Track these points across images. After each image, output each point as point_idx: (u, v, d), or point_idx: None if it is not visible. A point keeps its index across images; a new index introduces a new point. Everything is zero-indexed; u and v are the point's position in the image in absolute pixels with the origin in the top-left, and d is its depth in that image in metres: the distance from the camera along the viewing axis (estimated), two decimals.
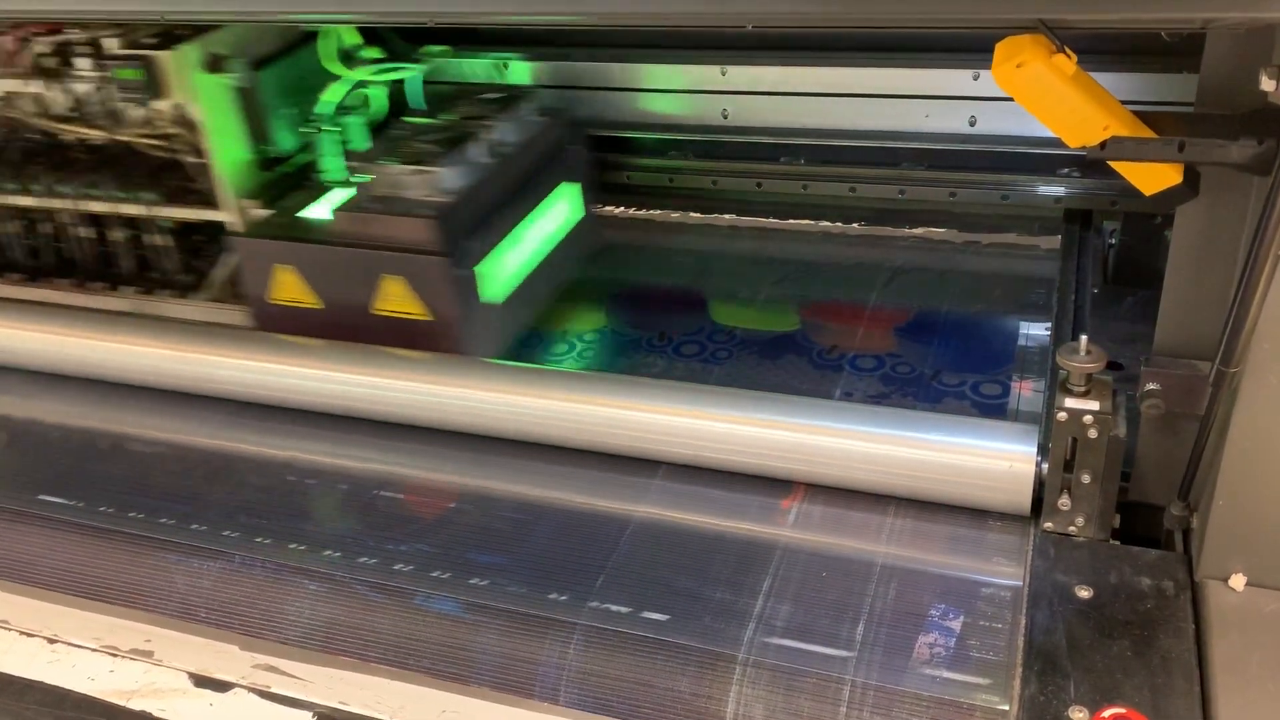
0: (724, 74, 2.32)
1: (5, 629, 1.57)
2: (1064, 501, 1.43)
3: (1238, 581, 1.35)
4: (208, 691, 1.44)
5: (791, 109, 2.31)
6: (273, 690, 1.43)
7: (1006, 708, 1.23)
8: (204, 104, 1.92)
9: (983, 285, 2.14)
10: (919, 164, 2.26)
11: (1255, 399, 1.25)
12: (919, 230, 2.29)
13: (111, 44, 1.94)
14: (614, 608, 1.40)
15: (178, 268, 2.17)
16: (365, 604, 1.46)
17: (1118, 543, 1.44)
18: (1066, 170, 2.17)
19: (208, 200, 2.01)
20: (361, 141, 2.12)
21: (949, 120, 2.20)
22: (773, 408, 1.60)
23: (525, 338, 2.09)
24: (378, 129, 2.15)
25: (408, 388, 1.75)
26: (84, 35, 1.97)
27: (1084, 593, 1.35)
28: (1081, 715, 1.20)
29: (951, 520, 1.50)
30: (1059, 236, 2.15)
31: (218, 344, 1.89)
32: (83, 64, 1.97)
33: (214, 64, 1.92)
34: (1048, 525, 1.45)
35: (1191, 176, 1.26)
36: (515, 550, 1.52)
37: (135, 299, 2.16)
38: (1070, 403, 1.38)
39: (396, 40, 2.27)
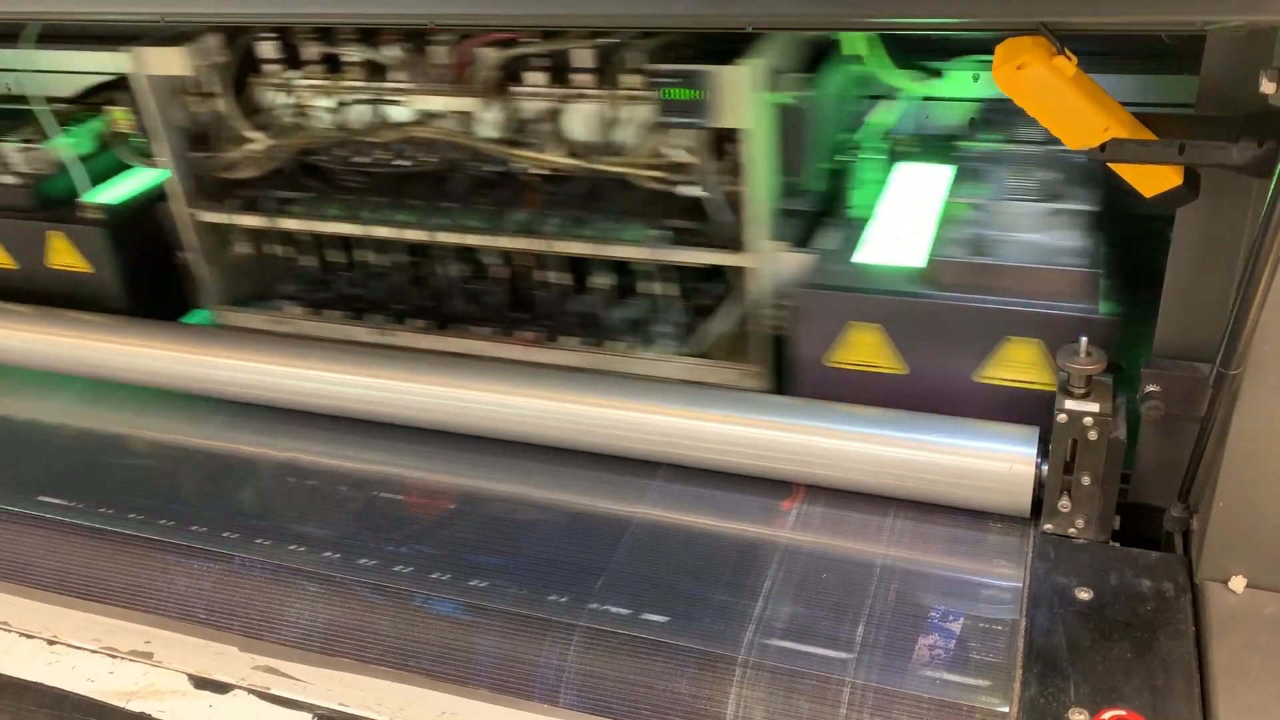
0: None
1: (5, 630, 1.57)
2: (1064, 503, 1.43)
3: (1238, 583, 1.35)
4: (207, 693, 1.43)
5: None
6: (272, 692, 1.43)
7: (1006, 709, 1.23)
8: (753, 128, 1.60)
9: None
10: None
11: (1255, 401, 1.25)
12: None
13: (635, 57, 1.66)
14: (614, 609, 1.40)
15: (673, 321, 1.85)
16: (365, 605, 1.46)
17: (1118, 544, 1.44)
18: None
19: (726, 242, 1.69)
20: (879, 171, 1.83)
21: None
22: (774, 409, 1.60)
23: None
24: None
25: (409, 389, 1.75)
26: (544, 48, 1.71)
27: (1084, 594, 1.35)
28: (1082, 717, 1.20)
29: (952, 522, 1.50)
30: None
31: (219, 345, 1.89)
32: (585, 80, 1.72)
33: (774, 81, 1.60)
34: (1048, 527, 1.45)
35: (1192, 178, 1.26)
36: (515, 551, 1.52)
37: (595, 353, 1.86)
38: (1070, 404, 1.38)
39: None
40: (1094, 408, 1.37)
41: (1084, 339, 1.39)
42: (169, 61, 1.89)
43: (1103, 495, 1.42)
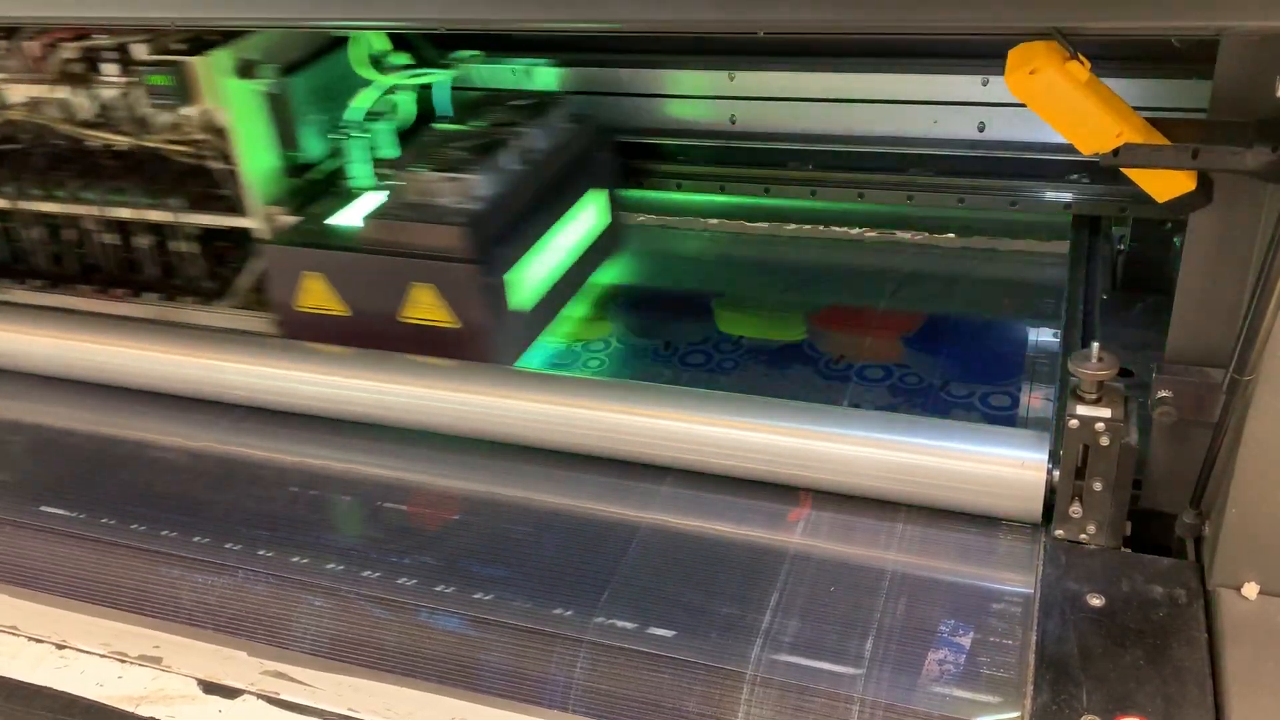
0: (732, 79, 2.32)
1: (13, 634, 1.57)
2: (1075, 509, 1.42)
3: (1251, 590, 1.34)
4: (216, 698, 1.43)
5: (799, 114, 2.31)
6: (281, 697, 1.43)
7: (1018, 714, 1.23)
8: (234, 110, 1.93)
9: (991, 292, 2.13)
10: (927, 170, 2.26)
11: (1269, 407, 1.24)
12: (927, 236, 2.28)
13: (140, 49, 1.94)
14: (620, 623, 1.39)
15: (202, 274, 2.17)
16: (371, 620, 1.45)
17: (1129, 551, 1.44)
18: (1076, 176, 2.17)
19: (235, 206, 2.02)
20: (390, 148, 2.12)
21: (958, 126, 2.20)
22: (781, 414, 1.59)
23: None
24: (405, 136, 2.16)
25: (413, 393, 1.75)
26: (112, 41, 1.97)
27: (1096, 601, 1.35)
28: None
29: (961, 528, 1.50)
30: (1068, 242, 2.15)
31: (224, 350, 1.89)
32: (110, 70, 1.98)
33: (245, 70, 1.92)
34: (1059, 533, 1.45)
35: (1205, 183, 1.26)
36: (520, 562, 1.51)
37: (158, 306, 2.17)
38: (1082, 410, 1.38)
39: (425, 46, 2.27)
40: (1105, 413, 1.37)
41: (1095, 344, 1.38)
42: None
43: (1114, 501, 1.41)
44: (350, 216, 2.02)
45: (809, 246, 2.35)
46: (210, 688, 1.45)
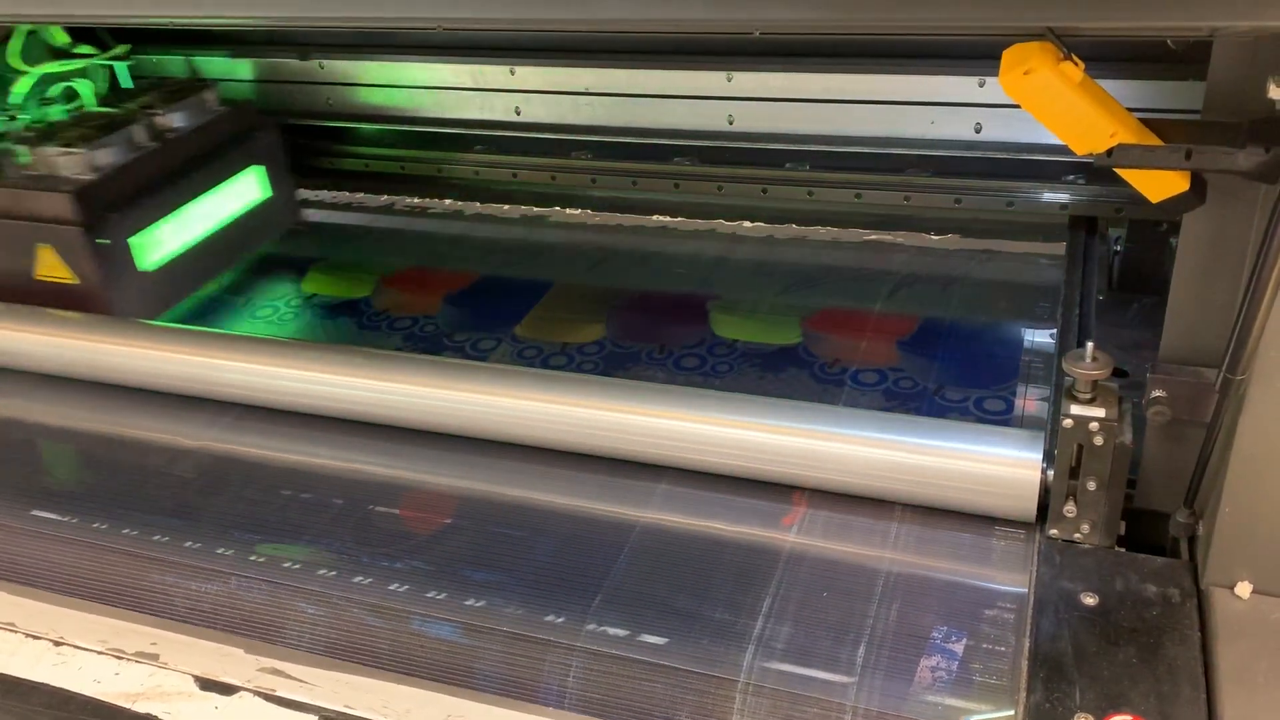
0: (730, 80, 2.33)
1: (11, 631, 1.57)
2: (1069, 508, 1.43)
3: (1244, 589, 1.34)
4: (213, 694, 1.44)
5: (796, 115, 2.31)
6: (278, 694, 1.43)
7: (1011, 713, 1.23)
8: None
9: (987, 294, 2.14)
10: (924, 170, 2.26)
11: (1262, 406, 1.25)
12: (923, 237, 2.29)
13: None
14: (612, 630, 1.39)
15: None
16: (361, 627, 1.45)
17: (1123, 550, 1.44)
18: (1072, 177, 2.17)
19: None
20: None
21: (954, 127, 2.21)
22: (777, 413, 1.59)
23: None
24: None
25: (410, 391, 1.76)
26: None
27: (1089, 600, 1.35)
28: None
29: (956, 527, 1.50)
30: (1064, 243, 2.15)
31: (215, 347, 1.90)
32: None
33: None
34: (1053, 532, 1.45)
35: (1198, 184, 1.26)
36: (512, 567, 1.51)
37: None
38: (1076, 409, 1.38)
39: (108, 38, 2.55)
40: (1100, 413, 1.37)
41: (1090, 344, 1.39)
42: None
43: (1108, 500, 1.41)
44: None
45: (805, 248, 2.36)
46: (207, 684, 1.45)
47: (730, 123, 2.36)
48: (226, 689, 1.44)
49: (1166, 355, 1.41)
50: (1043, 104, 1.20)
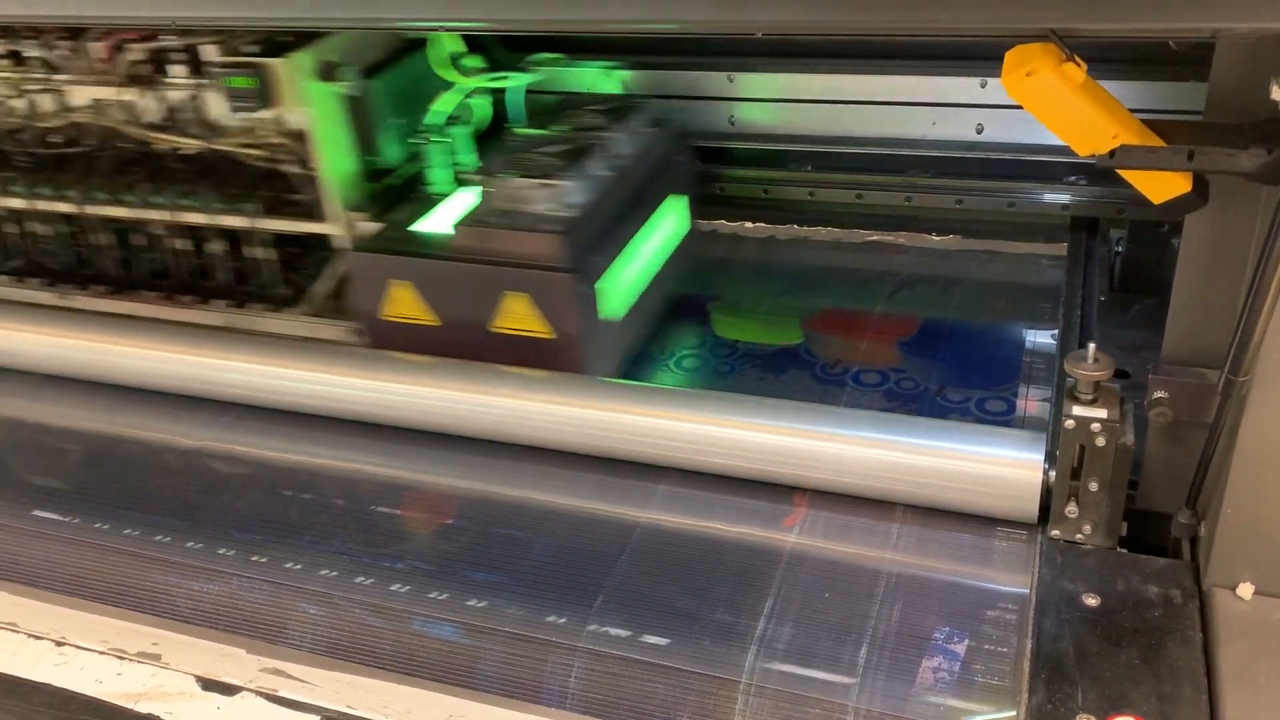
0: (731, 80, 2.33)
1: (13, 631, 1.57)
2: (1071, 509, 1.43)
3: (1246, 590, 1.34)
4: (215, 695, 1.44)
5: (797, 115, 2.31)
6: (280, 694, 1.43)
7: (1013, 713, 1.23)
8: (314, 113, 1.87)
9: (988, 295, 2.14)
10: (926, 171, 2.26)
11: (1264, 408, 1.25)
12: (925, 238, 2.29)
13: (214, 51, 1.89)
14: (613, 631, 1.39)
15: (274, 281, 2.09)
16: (362, 627, 1.45)
17: (1125, 551, 1.44)
18: (1074, 178, 2.17)
19: (313, 212, 1.96)
20: (467, 153, 2.08)
21: (956, 127, 2.21)
22: (779, 413, 1.59)
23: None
24: (480, 140, 2.13)
25: (410, 391, 1.76)
26: (181, 42, 1.92)
27: (1091, 600, 1.35)
28: None
29: (958, 528, 1.50)
30: (1065, 244, 2.15)
31: (222, 349, 1.90)
32: (181, 71, 1.94)
33: (326, 72, 1.86)
34: (1055, 533, 1.45)
35: (1201, 185, 1.26)
36: (514, 567, 1.51)
37: (228, 313, 2.10)
38: (1078, 410, 1.38)
39: (496, 48, 2.24)
40: (1101, 414, 1.37)
41: (1091, 345, 1.39)
42: None
43: (1110, 501, 1.42)
44: (436, 223, 1.94)
45: (805, 248, 2.35)
46: (209, 684, 1.45)
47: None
48: (228, 689, 1.44)
49: (1168, 356, 1.41)
50: (1045, 105, 1.20)
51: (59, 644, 1.55)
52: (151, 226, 2.12)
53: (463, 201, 1.98)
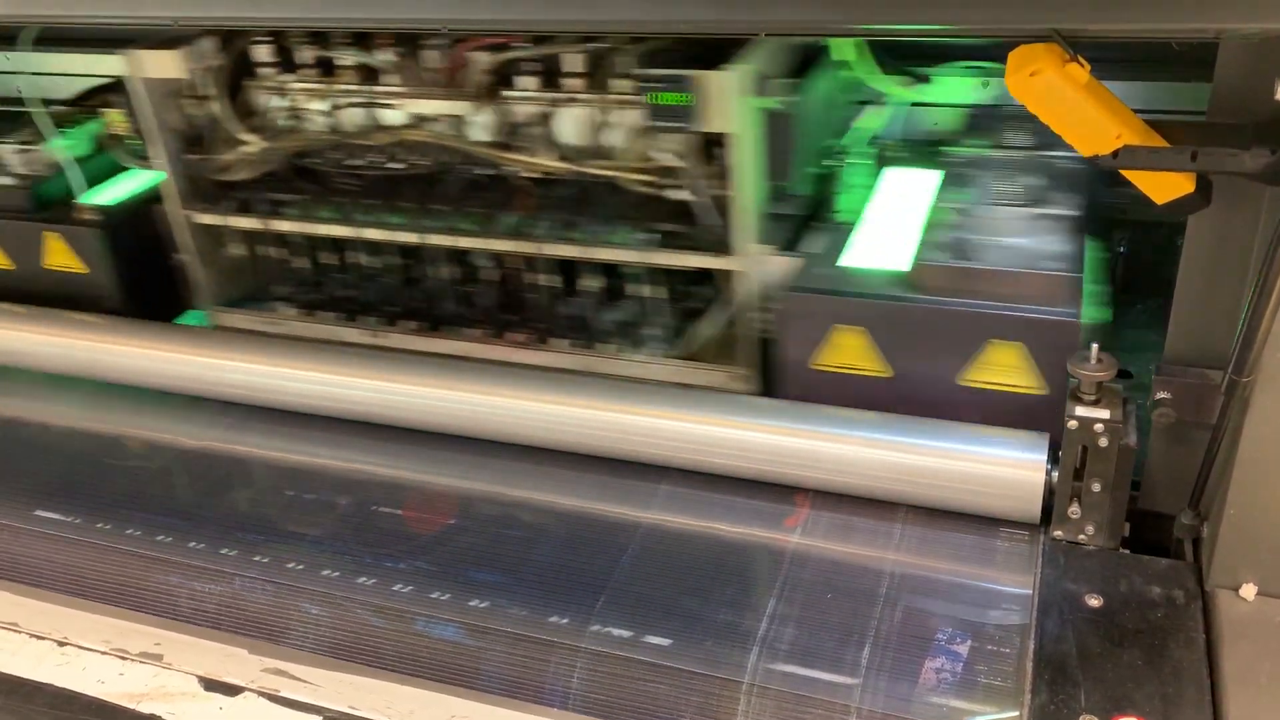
0: None
1: (15, 631, 1.57)
2: (1074, 510, 1.43)
3: (1249, 591, 1.34)
4: (217, 695, 1.43)
5: None
6: (282, 694, 1.43)
7: (1016, 714, 1.23)
8: (739, 132, 1.62)
9: None
10: None
11: (1267, 408, 1.25)
12: None
13: (620, 61, 1.68)
14: (616, 631, 1.39)
15: (654, 322, 1.84)
16: (365, 627, 1.45)
17: (1128, 551, 1.44)
18: None
19: (714, 245, 1.71)
20: (865, 175, 1.84)
21: None
22: (782, 414, 1.60)
23: None
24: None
25: (413, 391, 1.76)
26: (537, 52, 1.71)
27: (1094, 601, 1.35)
28: None
29: (960, 528, 1.50)
30: None
31: (218, 348, 1.90)
32: (576, 85, 1.73)
33: (760, 86, 1.62)
34: (1057, 533, 1.45)
35: (1204, 185, 1.26)
36: (516, 567, 1.51)
37: (576, 353, 1.88)
38: (1081, 411, 1.38)
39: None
40: (1104, 414, 1.37)
41: (1094, 345, 1.39)
42: (164, 64, 1.92)
43: (1113, 502, 1.42)
44: (872, 257, 1.67)
45: None
46: (211, 685, 1.45)
47: None
48: (231, 689, 1.44)
49: (1171, 357, 1.41)
50: (1049, 105, 1.20)
51: (61, 644, 1.54)
52: (475, 256, 1.91)
53: (885, 231, 1.70)
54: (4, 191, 2.19)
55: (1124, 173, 1.26)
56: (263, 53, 1.93)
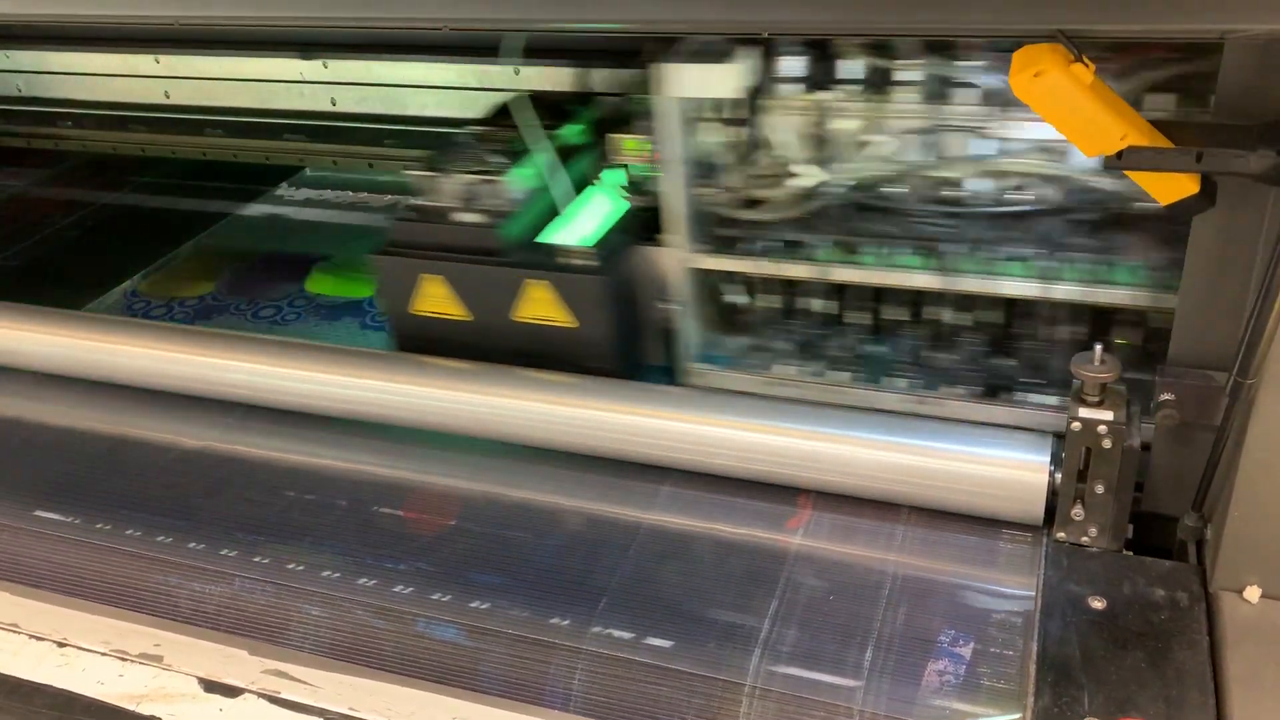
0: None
1: (14, 632, 1.57)
2: (1077, 511, 1.42)
3: (1252, 593, 1.34)
4: (217, 696, 1.43)
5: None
6: (282, 695, 1.43)
7: (1019, 716, 1.23)
8: None
9: None
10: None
11: (1272, 410, 1.24)
12: None
13: None
14: (617, 633, 1.38)
15: None
16: (365, 629, 1.45)
17: (1131, 553, 1.44)
18: None
19: None
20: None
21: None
22: (784, 414, 1.59)
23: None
24: None
25: (413, 392, 1.75)
26: None
27: (1097, 603, 1.35)
28: None
29: (963, 530, 1.50)
30: None
31: (218, 347, 1.89)
32: None
33: None
34: (1060, 535, 1.45)
35: (1209, 187, 1.26)
36: (517, 569, 1.51)
37: None
38: (1084, 412, 1.38)
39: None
40: (1108, 416, 1.37)
41: (1098, 347, 1.38)
42: (714, 81, 1.53)
43: (1116, 504, 1.41)
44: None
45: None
46: (211, 686, 1.45)
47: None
48: (231, 691, 1.44)
49: (1175, 358, 1.41)
50: (1053, 106, 1.19)
51: (61, 645, 1.54)
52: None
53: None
54: (468, 230, 1.78)
55: (1128, 173, 1.25)
56: (794, 65, 1.56)
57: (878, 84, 1.55)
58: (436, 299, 1.83)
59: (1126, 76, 1.34)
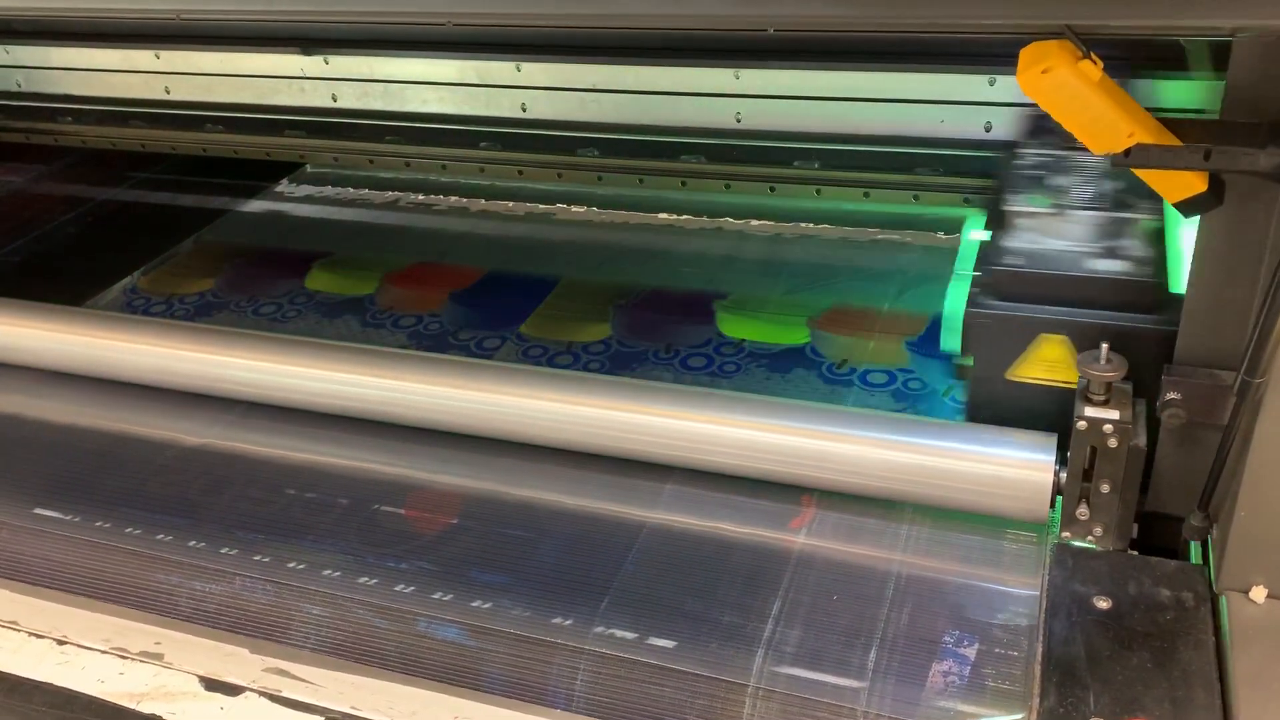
0: (737, 78, 2.31)
1: (14, 630, 1.56)
2: (1082, 511, 1.42)
3: (1259, 593, 1.33)
4: (218, 695, 1.43)
5: (805, 113, 2.29)
6: (283, 694, 1.42)
7: (1024, 717, 1.22)
8: None
9: None
10: (933, 169, 2.25)
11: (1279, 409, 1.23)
12: (932, 236, 2.28)
13: None
14: (620, 633, 1.38)
15: None
16: (367, 628, 1.45)
17: (1136, 553, 1.43)
18: None
19: None
20: None
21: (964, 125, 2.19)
22: (787, 413, 1.58)
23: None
24: None
25: (416, 389, 1.74)
26: None
27: (1102, 603, 1.34)
28: None
29: (967, 529, 1.49)
30: None
31: (219, 344, 1.88)
32: None
33: None
34: (1065, 535, 1.44)
35: (1216, 185, 1.25)
36: (519, 568, 1.50)
37: None
38: (1090, 411, 1.37)
39: None
40: (1114, 415, 1.36)
41: (1104, 345, 1.38)
42: None
43: (1121, 503, 1.40)
44: None
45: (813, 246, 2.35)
46: (212, 684, 1.44)
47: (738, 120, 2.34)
48: (232, 689, 1.43)
49: (1182, 357, 1.40)
50: (1060, 103, 1.18)
51: (60, 643, 1.53)
52: None
53: None
54: (1113, 283, 1.45)
55: (1137, 172, 1.24)
56: None
57: None
58: (1048, 364, 1.51)
59: None
